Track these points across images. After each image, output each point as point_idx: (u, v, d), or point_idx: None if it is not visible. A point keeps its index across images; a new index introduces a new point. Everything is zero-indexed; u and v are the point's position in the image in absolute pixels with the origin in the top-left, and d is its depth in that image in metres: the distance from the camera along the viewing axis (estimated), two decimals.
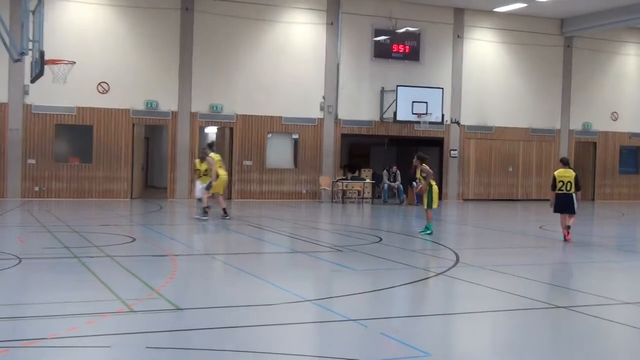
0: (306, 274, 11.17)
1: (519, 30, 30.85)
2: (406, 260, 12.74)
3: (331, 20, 27.99)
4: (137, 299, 8.43)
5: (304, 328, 7.69)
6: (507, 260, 12.94)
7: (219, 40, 26.61)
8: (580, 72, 32.30)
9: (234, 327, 7.43)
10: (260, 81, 27.18)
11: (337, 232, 17.74)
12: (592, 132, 32.86)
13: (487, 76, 30.68)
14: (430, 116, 27.91)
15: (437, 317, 8.35)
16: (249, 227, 17.68)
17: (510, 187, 31.42)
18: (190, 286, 9.99)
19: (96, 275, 10.02)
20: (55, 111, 24.85)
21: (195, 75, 26.38)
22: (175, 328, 7.39)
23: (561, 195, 15.70)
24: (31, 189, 24.76)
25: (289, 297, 8.92)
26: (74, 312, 7.77)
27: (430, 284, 10.50)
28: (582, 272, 12.45)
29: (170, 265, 11.48)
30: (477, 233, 18.86)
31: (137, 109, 25.81)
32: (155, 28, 25.91)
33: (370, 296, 9.33)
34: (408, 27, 29.04)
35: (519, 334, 7.63)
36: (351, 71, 28.45)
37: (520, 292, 9.56)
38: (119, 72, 25.49)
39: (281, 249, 14.50)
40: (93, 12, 25.24)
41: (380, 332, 7.30)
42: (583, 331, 7.74)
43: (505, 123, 31.10)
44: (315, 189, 28.16)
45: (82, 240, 13.99)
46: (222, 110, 26.79)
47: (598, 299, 9.34)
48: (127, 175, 25.84)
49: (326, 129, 28.19)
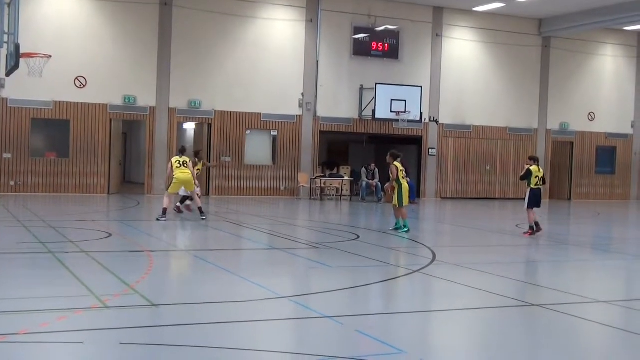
0: (283, 271, 11.15)
1: (497, 30, 31.01)
2: (383, 257, 12.77)
3: (310, 18, 27.97)
4: (111, 295, 8.37)
5: (280, 325, 7.66)
6: (483, 258, 13.00)
7: (198, 36, 26.49)
8: (558, 72, 32.53)
9: (210, 324, 7.40)
10: (239, 77, 27.10)
11: (315, 229, 17.74)
12: (569, 132, 33.11)
13: (466, 75, 30.81)
14: (409, 114, 27.97)
15: (413, 314, 8.36)
16: (227, 224, 17.62)
17: (487, 185, 31.59)
18: (166, 282, 9.95)
19: (71, 270, 9.94)
20: (31, 105, 24.62)
21: (173, 70, 26.25)
22: (150, 324, 7.34)
23: (537, 190, 16.25)
24: (7, 183, 24.52)
25: (265, 293, 8.90)
26: (47, 307, 7.69)
27: (406, 281, 10.52)
28: (556, 270, 12.53)
29: (146, 261, 11.41)
30: (454, 231, 18.94)
31: (115, 104, 25.64)
32: (134, 23, 25.75)
33: (347, 293, 9.33)
34: (387, 25, 29.09)
35: (493, 332, 7.67)
36: (330, 68, 28.45)
37: (496, 290, 9.61)
38: (96, 67, 25.30)
39: (258, 245, 14.47)
40: (70, 6, 25.03)
41: (356, 330, 7.30)
42: (556, 329, 7.78)
43: (483, 122, 31.25)
44: (293, 186, 28.14)
45: (57, 236, 13.87)
46: (200, 106, 26.69)
47: (572, 297, 9.40)
48: (104, 171, 25.67)
49: (305, 126, 28.17)
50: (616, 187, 34.26)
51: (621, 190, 34.29)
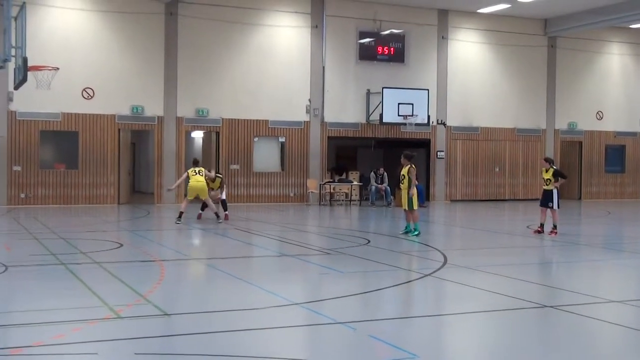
0: (294, 278, 11.16)
1: (503, 31, 30.98)
2: (394, 261, 12.75)
3: (315, 23, 28.01)
4: (124, 305, 8.39)
5: (293, 332, 7.67)
6: (494, 261, 12.97)
7: (204, 45, 26.57)
8: (565, 72, 32.47)
9: (223, 332, 7.41)
10: (246, 85, 27.16)
11: (325, 235, 17.73)
12: (578, 132, 33.02)
13: (472, 77, 30.79)
14: (416, 117, 27.97)
15: (426, 318, 8.36)
16: (237, 231, 17.64)
17: (497, 187, 31.52)
18: (178, 291, 9.96)
19: (83, 281, 9.97)
20: (40, 117, 24.73)
21: (180, 79, 26.33)
22: (163, 334, 7.35)
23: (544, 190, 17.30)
24: (17, 196, 24.62)
25: (277, 300, 8.91)
26: (60, 319, 7.72)
27: (418, 285, 10.50)
28: (569, 271, 12.49)
29: (157, 270, 11.44)
30: (464, 234, 18.90)
31: (123, 115, 25.72)
32: (140, 33, 25.84)
33: (359, 298, 9.32)
34: (392, 29, 29.11)
35: (507, 334, 7.65)
36: (336, 74, 28.48)
37: (508, 292, 9.58)
38: (103, 78, 25.40)
39: (269, 252, 14.47)
40: (76, 18, 25.15)
41: (369, 335, 7.30)
42: (571, 330, 7.76)
43: (491, 123, 31.21)
44: (302, 192, 28.15)
45: (68, 247, 13.91)
46: (208, 114, 26.74)
47: (585, 297, 9.37)
48: (113, 181, 25.74)
49: (312, 131, 28.19)
50: (626, 186, 34.12)
51: (631, 189, 34.15)
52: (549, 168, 17.15)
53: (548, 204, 16.90)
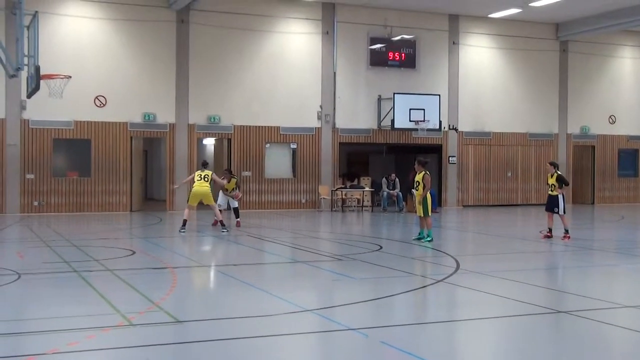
0: (306, 284, 11.15)
1: (514, 36, 30.93)
2: (406, 267, 12.73)
3: (326, 30, 28.04)
4: (137, 313, 8.40)
5: (305, 338, 7.66)
6: (507, 266, 12.91)
7: (215, 52, 26.65)
8: (577, 76, 32.36)
9: (235, 339, 7.41)
10: (257, 92, 27.21)
11: (337, 241, 17.72)
12: (590, 136, 32.89)
13: (484, 82, 30.74)
14: (428, 123, 27.94)
15: (438, 324, 8.33)
16: (249, 238, 17.65)
17: (509, 192, 31.43)
18: (190, 298, 9.96)
19: (96, 289, 10.00)
20: (52, 125, 24.85)
21: (192, 87, 26.41)
22: (176, 341, 7.36)
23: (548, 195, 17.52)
24: (30, 203, 24.74)
25: (289, 307, 8.90)
26: (74, 326, 7.74)
27: (430, 291, 10.47)
28: (582, 276, 12.42)
29: (170, 277, 11.45)
30: (477, 239, 18.84)
31: (135, 122, 25.82)
32: (151, 41, 25.95)
33: (371, 305, 9.30)
34: (403, 34, 29.10)
35: (520, 340, 7.60)
36: (348, 80, 28.49)
37: (522, 298, 9.54)
38: (115, 86, 25.52)
39: (281, 259, 14.46)
40: (88, 26, 25.29)
41: (381, 341, 7.28)
42: (585, 336, 7.72)
43: (503, 128, 31.13)
44: (314, 198, 28.15)
45: (81, 255, 13.96)
46: (219, 121, 26.81)
47: (599, 302, 9.32)
48: (126, 188, 25.82)
49: (324, 138, 28.20)
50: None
51: None
52: (553, 173, 17.13)
53: (554, 209, 16.89)
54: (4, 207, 24.46)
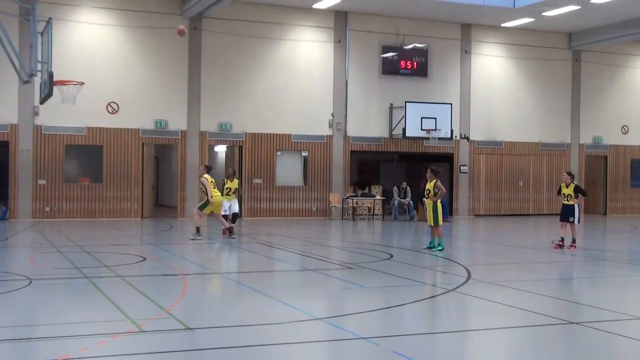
0: (317, 292, 11.12)
1: (526, 45, 30.87)
2: (417, 276, 12.68)
3: (339, 38, 28.08)
4: (147, 319, 8.40)
5: (315, 347, 7.63)
6: (519, 276, 12.84)
7: (227, 59, 26.72)
8: (589, 86, 32.26)
9: (246, 347, 7.39)
10: (269, 99, 27.26)
11: (348, 249, 17.69)
12: (603, 146, 32.76)
13: (496, 91, 30.69)
14: (439, 132, 27.91)
15: (449, 334, 8.28)
16: (259, 245, 17.65)
17: (521, 202, 31.32)
18: (201, 305, 9.95)
19: (106, 295, 10.01)
20: (65, 132, 24.97)
21: (203, 94, 26.49)
22: (186, 348, 7.35)
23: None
24: (42, 209, 24.83)
25: (299, 315, 8.88)
26: (85, 332, 7.74)
27: (441, 300, 10.42)
28: (594, 287, 12.35)
29: (180, 284, 11.45)
30: (488, 249, 18.76)
31: (147, 129, 25.91)
32: (164, 48, 26.06)
33: (382, 314, 9.27)
34: (415, 43, 29.11)
35: (532, 351, 7.55)
36: (359, 88, 28.51)
37: (533, 308, 9.47)
38: (128, 92, 25.63)
39: (292, 266, 14.44)
40: (101, 33, 25.42)
41: (392, 350, 7.24)
42: (598, 347, 7.65)
43: (514, 138, 31.06)
44: (325, 207, 28.13)
45: (92, 261, 13.99)
46: (231, 128, 26.86)
47: (611, 314, 9.24)
48: (137, 195, 25.89)
49: (335, 146, 28.21)
50: None
51: None
52: (569, 183, 16.97)
53: (569, 219, 16.79)
54: (16, 212, 24.56)
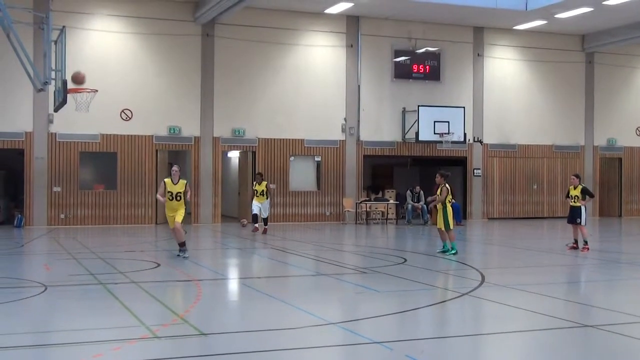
0: (331, 297, 11.12)
1: (539, 48, 30.77)
2: (431, 280, 12.66)
3: (351, 43, 28.09)
4: (161, 325, 8.43)
5: (330, 351, 7.64)
6: (533, 279, 12.80)
7: (240, 65, 26.79)
8: (603, 88, 32.11)
9: (260, 352, 7.40)
10: (282, 104, 27.30)
11: (361, 253, 17.68)
12: (617, 148, 32.58)
13: (509, 94, 30.59)
14: (453, 135, 27.84)
15: (464, 338, 8.26)
16: (273, 250, 17.67)
17: (535, 204, 31.19)
18: (215, 311, 9.97)
19: (121, 301, 10.05)
20: (79, 139, 25.10)
21: (217, 100, 26.56)
22: (200, 354, 7.38)
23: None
24: (57, 216, 24.96)
25: (313, 320, 8.88)
26: (100, 338, 7.79)
27: (455, 304, 10.40)
28: (609, 289, 12.28)
29: (194, 290, 11.49)
30: (502, 252, 18.70)
31: (160, 135, 26.01)
32: (177, 55, 26.16)
33: (396, 318, 9.26)
34: (428, 47, 29.08)
35: (546, 355, 7.52)
36: (372, 92, 28.50)
37: (548, 311, 9.45)
38: (141, 99, 25.74)
39: (305, 271, 14.45)
40: (114, 41, 25.55)
41: (406, 355, 7.23)
42: (613, 350, 7.62)
43: (528, 140, 30.95)
44: (338, 211, 28.13)
45: (107, 267, 14.05)
46: (244, 134, 26.91)
47: (626, 316, 9.20)
48: (151, 201, 25.97)
49: (348, 150, 28.20)
50: None
51: None
52: (577, 185, 17.12)
53: (576, 220, 16.87)
54: (31, 219, 24.71)
